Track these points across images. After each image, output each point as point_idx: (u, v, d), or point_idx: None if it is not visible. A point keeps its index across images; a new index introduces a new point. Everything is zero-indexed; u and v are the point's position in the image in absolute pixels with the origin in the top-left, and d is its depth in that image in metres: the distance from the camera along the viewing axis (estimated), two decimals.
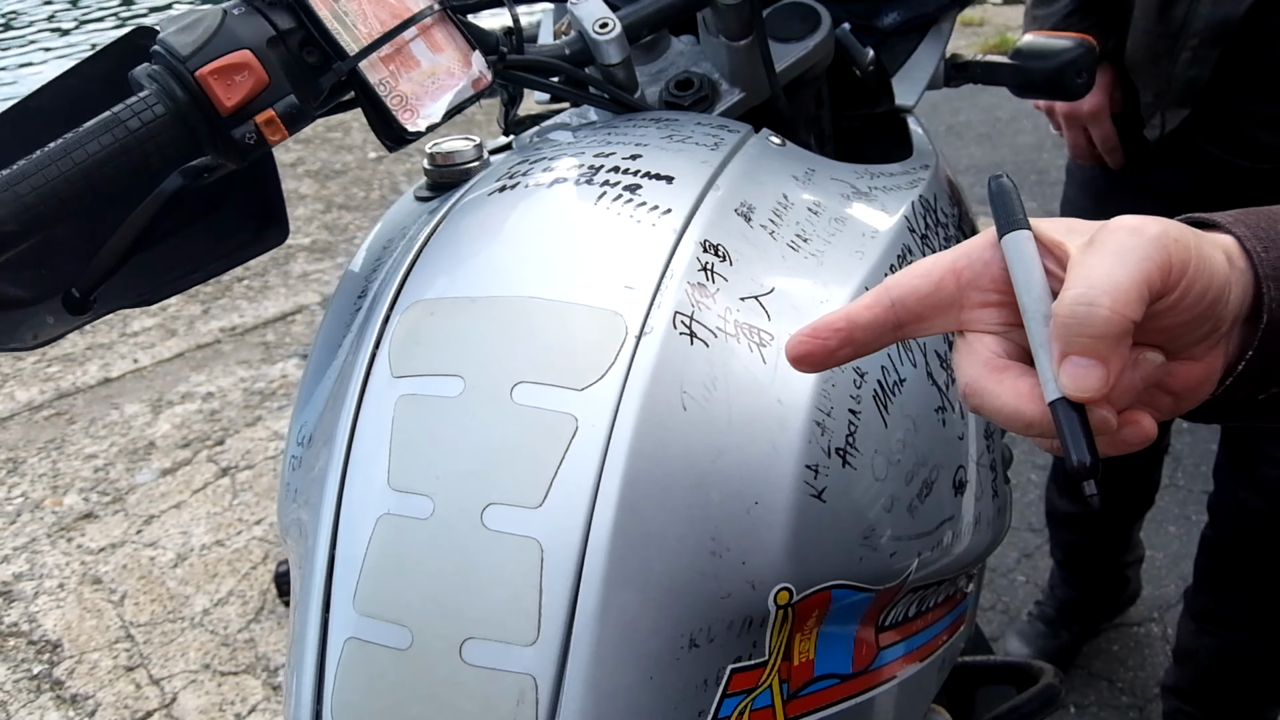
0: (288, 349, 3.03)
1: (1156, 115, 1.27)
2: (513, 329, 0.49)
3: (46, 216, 0.56)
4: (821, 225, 0.60)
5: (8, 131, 0.66)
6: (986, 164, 3.93)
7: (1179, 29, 1.19)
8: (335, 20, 0.61)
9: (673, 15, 0.74)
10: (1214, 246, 0.44)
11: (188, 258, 0.72)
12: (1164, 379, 0.44)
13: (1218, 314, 0.43)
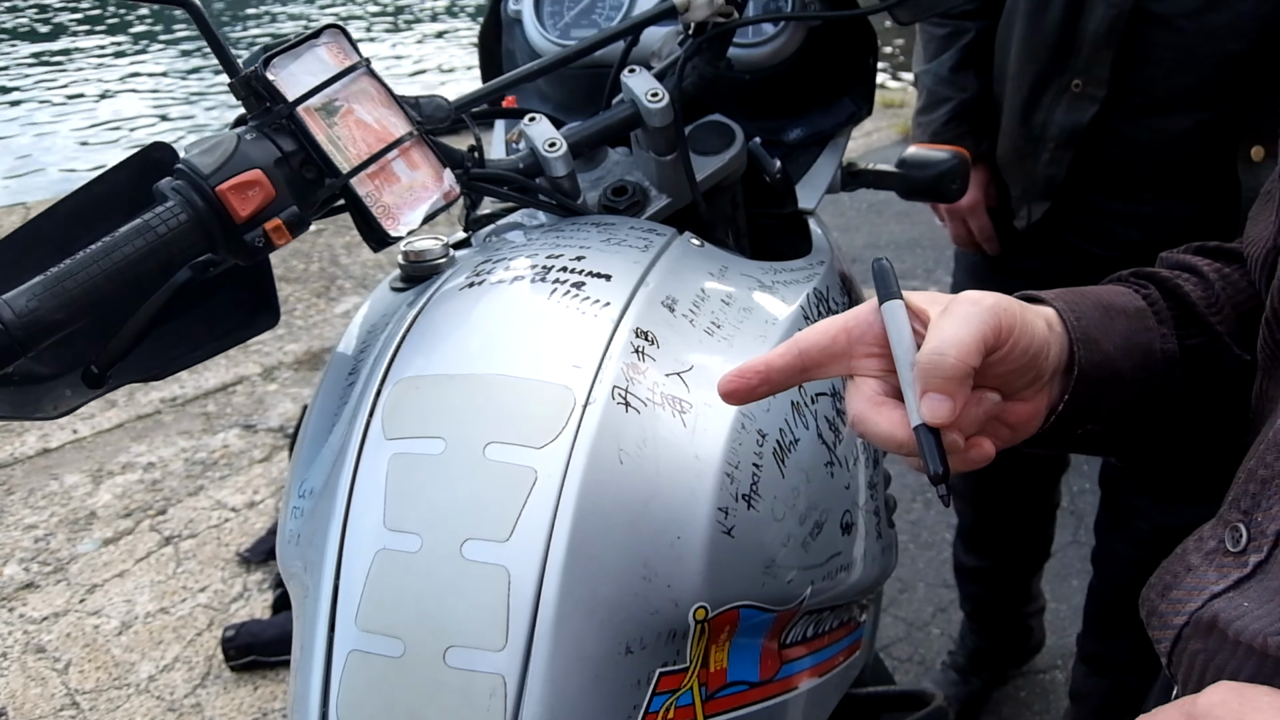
0: (229, 419, 3.08)
1: (1024, 208, 1.44)
2: (484, 400, 0.62)
3: (87, 307, 0.67)
4: (732, 314, 0.74)
5: (45, 227, 0.77)
6: (905, 239, 4.16)
7: (1039, 134, 1.37)
8: (330, 144, 0.74)
9: (610, 135, 0.88)
10: (1037, 315, 0.59)
11: (190, 338, 0.83)
12: (1002, 414, 0.60)
13: (1039, 366, 0.59)
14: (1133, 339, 0.63)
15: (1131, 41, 1.24)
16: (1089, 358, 0.61)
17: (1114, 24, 1.23)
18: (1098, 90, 1.29)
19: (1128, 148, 1.31)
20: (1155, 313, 0.65)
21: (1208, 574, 0.56)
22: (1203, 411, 0.67)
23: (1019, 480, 1.81)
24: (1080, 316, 0.62)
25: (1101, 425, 0.65)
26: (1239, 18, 1.17)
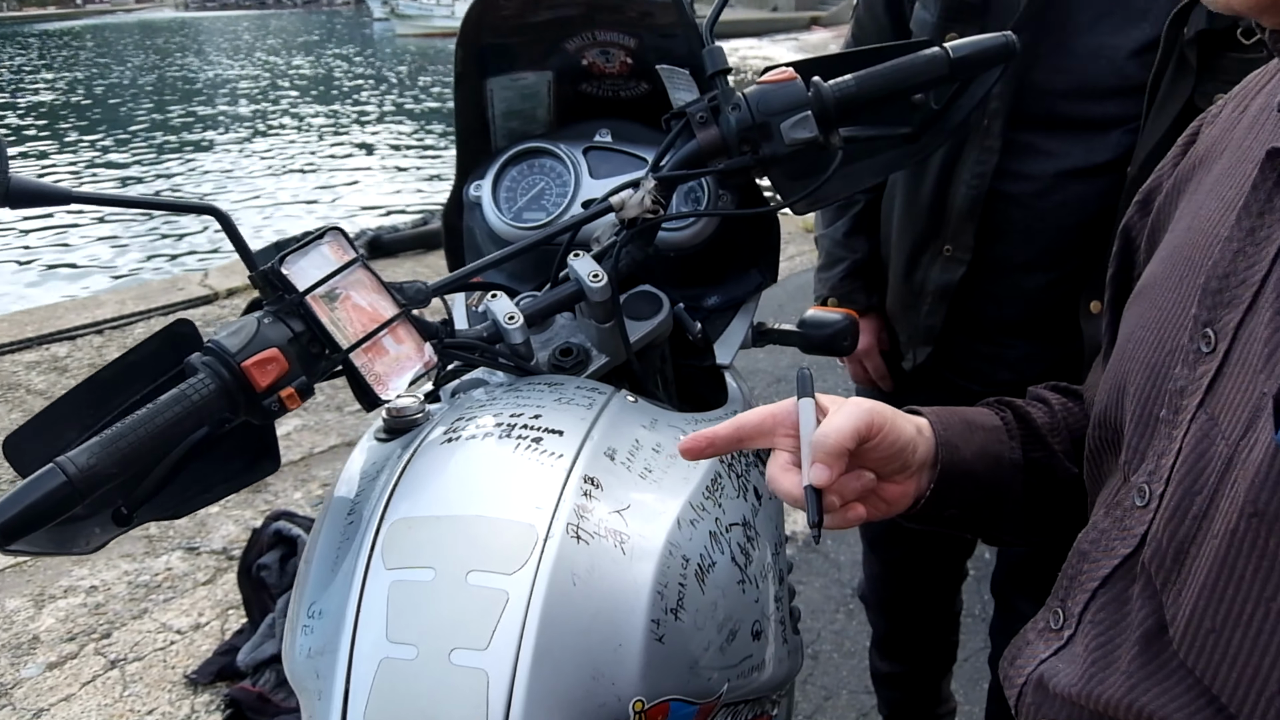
0: (171, 542, 3.14)
1: (910, 352, 1.66)
2: (465, 536, 0.78)
3: (135, 462, 0.82)
4: (661, 460, 0.91)
5: (87, 391, 0.92)
6: (826, 360, 4.40)
7: (918, 290, 1.58)
8: (332, 325, 0.91)
9: (559, 308, 1.06)
10: (909, 422, 0.82)
11: (202, 482, 0.98)
12: (878, 490, 0.82)
13: (905, 458, 0.81)
14: (988, 449, 0.85)
15: (990, 215, 1.46)
16: (950, 458, 0.84)
17: (974, 201, 1.45)
18: (964, 254, 1.50)
19: (993, 302, 1.53)
20: (1008, 430, 0.87)
21: (1038, 645, 0.76)
22: (1042, 510, 0.89)
23: (922, 592, 1.99)
24: (946, 427, 0.85)
25: (961, 511, 0.87)
26: (1075, 197, 1.40)
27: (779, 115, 1.04)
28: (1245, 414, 0.60)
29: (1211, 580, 0.59)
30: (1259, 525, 0.56)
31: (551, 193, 1.29)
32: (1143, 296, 0.78)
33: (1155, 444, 0.69)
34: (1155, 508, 0.67)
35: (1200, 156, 0.79)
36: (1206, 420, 0.64)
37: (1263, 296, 0.62)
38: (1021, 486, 0.88)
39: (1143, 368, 0.73)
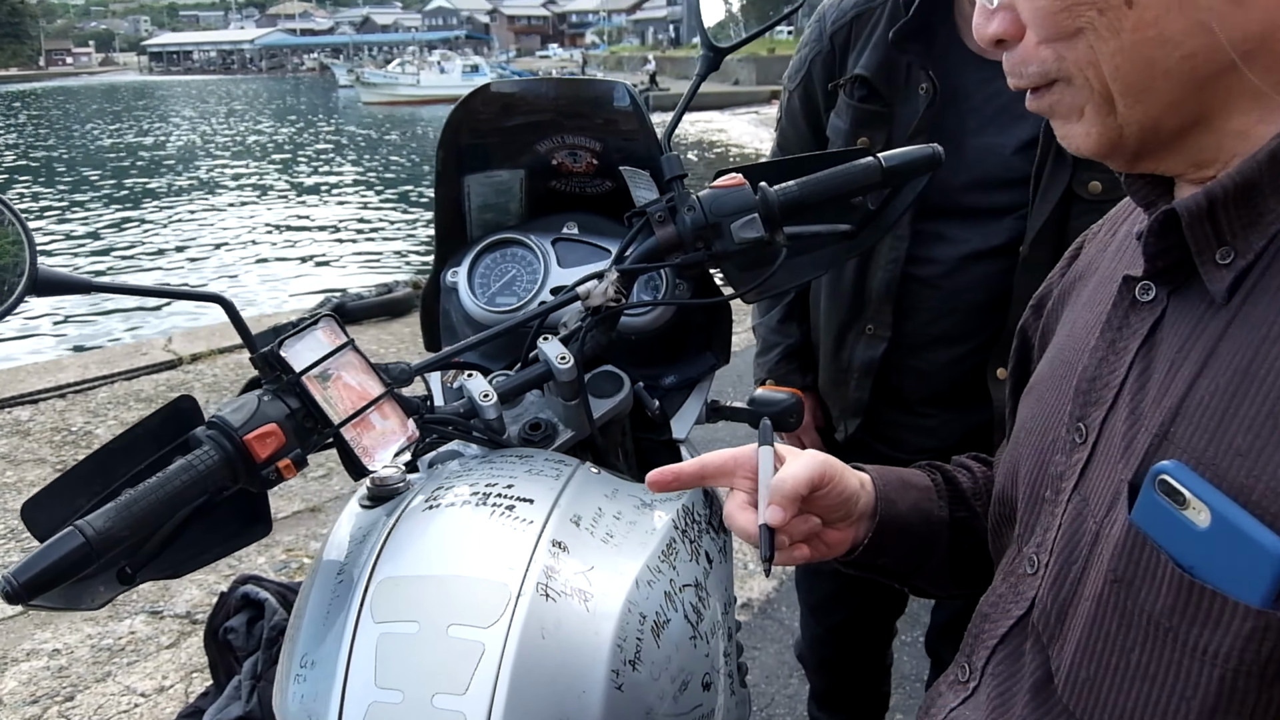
0: (135, 605, 3.17)
1: (841, 424, 1.81)
2: (446, 593, 0.87)
3: (145, 525, 0.91)
4: (621, 526, 1.01)
5: (98, 465, 1.01)
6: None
7: (846, 367, 1.74)
8: (325, 402, 1.00)
9: (530, 387, 1.17)
10: (855, 475, 0.94)
11: (198, 545, 1.07)
12: (821, 535, 0.93)
13: (849, 508, 0.92)
14: (920, 505, 0.98)
15: (904, 296, 1.63)
16: (887, 511, 0.96)
17: (890, 284, 1.62)
18: (885, 332, 1.67)
19: (913, 374, 1.69)
20: (937, 491, 1.00)
21: (949, 696, 0.87)
22: (962, 564, 1.01)
23: (857, 651, 2.14)
24: (886, 483, 0.98)
25: (892, 560, 0.99)
26: (977, 277, 1.57)
27: (729, 216, 1.16)
28: (1108, 496, 0.71)
29: (1085, 637, 0.70)
30: (1120, 589, 0.68)
31: (523, 279, 1.41)
32: (1032, 392, 0.90)
33: (1042, 520, 0.81)
34: (1041, 575, 0.78)
35: (1080, 272, 0.93)
36: (1080, 501, 0.75)
37: (1121, 397, 0.73)
38: (947, 542, 1.01)
39: (1031, 454, 0.85)
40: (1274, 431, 0.60)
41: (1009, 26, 0.72)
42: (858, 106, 1.61)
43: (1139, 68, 0.65)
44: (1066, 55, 0.68)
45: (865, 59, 1.60)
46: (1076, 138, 0.72)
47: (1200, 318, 0.68)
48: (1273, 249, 0.65)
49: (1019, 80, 0.74)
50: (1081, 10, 0.65)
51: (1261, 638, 0.59)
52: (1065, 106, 0.72)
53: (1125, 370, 0.74)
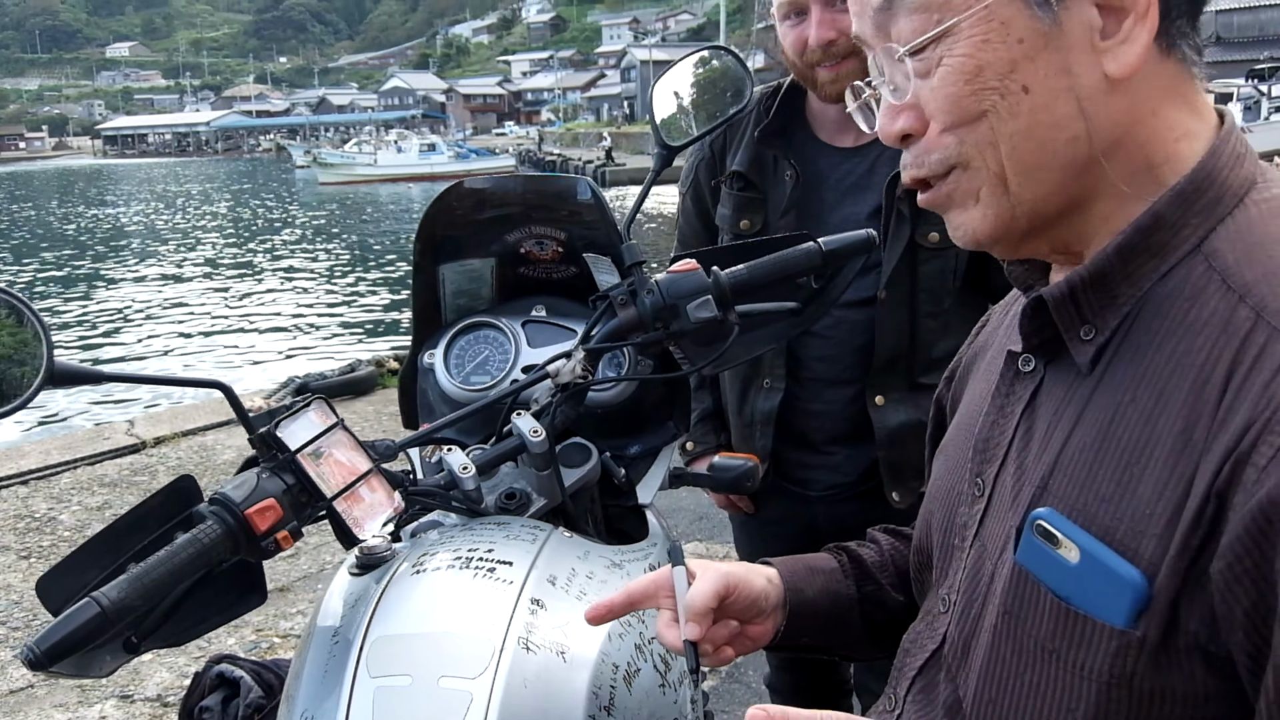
0: (105, 690, 3.17)
1: None
2: (436, 649, 0.95)
3: (155, 595, 0.98)
4: (594, 585, 1.10)
5: (106, 541, 1.09)
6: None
7: (750, 420, 1.96)
8: (318, 478, 1.09)
9: (505, 459, 1.26)
10: (760, 574, 1.03)
11: (198, 614, 1.14)
12: (744, 632, 1.02)
13: (761, 605, 1.01)
14: (828, 588, 1.07)
15: (794, 349, 1.87)
16: (796, 599, 1.05)
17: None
18: (779, 384, 1.91)
19: (814, 418, 1.91)
20: (843, 571, 1.09)
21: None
22: (878, 632, 1.10)
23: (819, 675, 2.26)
24: (793, 574, 1.07)
25: (811, 639, 1.08)
26: (852, 323, 1.83)
27: (685, 298, 1.27)
28: (1001, 541, 0.82)
29: (986, 663, 0.81)
30: (1010, 620, 0.79)
31: (495, 359, 1.51)
32: (943, 452, 1.02)
33: (952, 565, 0.92)
34: (950, 614, 0.90)
35: (980, 346, 1.05)
36: (980, 546, 0.87)
37: (1010, 455, 0.85)
38: (859, 615, 1.11)
39: (941, 507, 0.96)
40: (1131, 481, 0.71)
41: (914, 123, 0.80)
42: (737, 195, 1.93)
43: (1032, 148, 0.76)
44: (967, 139, 0.78)
45: (739, 157, 1.93)
46: (972, 223, 0.81)
47: (1071, 385, 0.80)
48: (1126, 324, 0.77)
49: (919, 171, 0.81)
50: (985, 95, 0.76)
51: (1126, 654, 0.70)
52: (961, 193, 0.80)
53: (1012, 431, 0.86)
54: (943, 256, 1.79)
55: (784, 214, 1.87)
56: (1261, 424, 0.65)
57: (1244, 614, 0.65)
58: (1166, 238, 0.76)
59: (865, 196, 1.83)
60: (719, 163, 2.00)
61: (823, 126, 1.91)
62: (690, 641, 0.93)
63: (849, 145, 1.87)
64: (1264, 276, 0.71)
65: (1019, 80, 0.75)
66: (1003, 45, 0.75)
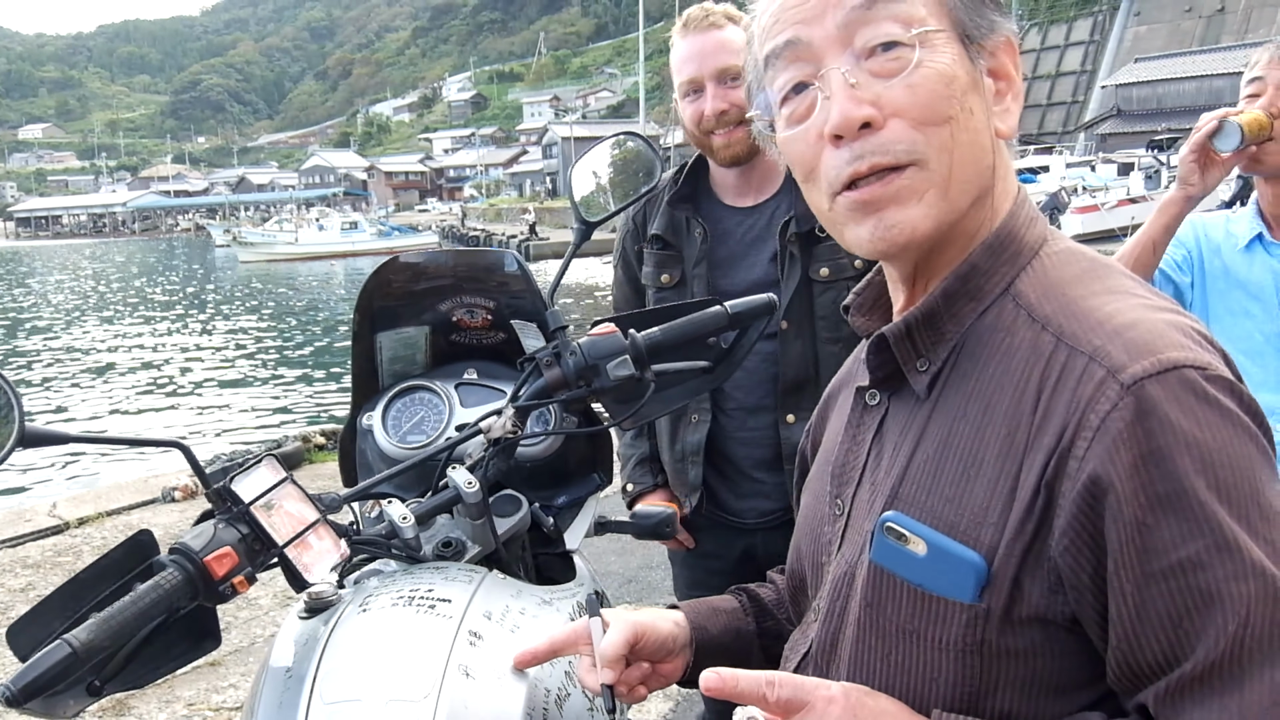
0: None
1: (686, 501, 2.20)
2: (384, 675, 1.05)
3: (122, 637, 1.07)
4: (526, 620, 1.21)
5: (70, 592, 1.16)
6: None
7: (681, 455, 2.19)
8: (270, 528, 1.19)
9: (441, 510, 1.37)
10: (666, 619, 1.15)
11: (157, 659, 1.22)
12: (656, 670, 1.13)
13: (670, 646, 1.13)
14: (730, 625, 1.20)
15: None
16: (701, 637, 1.18)
17: None
18: (705, 417, 2.17)
19: (737, 444, 2.14)
20: (744, 609, 1.23)
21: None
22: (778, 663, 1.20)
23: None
24: (698, 615, 1.20)
25: None
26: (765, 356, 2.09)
27: (605, 358, 1.40)
28: (859, 546, 0.97)
29: (853, 652, 0.95)
30: (871, 611, 0.93)
31: (430, 419, 1.62)
32: (807, 487, 1.17)
33: (821, 579, 1.06)
34: (818, 618, 1.03)
35: (831, 394, 1.22)
36: (841, 557, 1.01)
37: (864, 476, 1.00)
38: (759, 649, 1.24)
39: (808, 532, 1.11)
40: (968, 482, 0.87)
41: (875, 115, 0.87)
42: (658, 254, 2.25)
43: (969, 163, 0.90)
44: (932, 140, 0.87)
45: (657, 223, 2.25)
46: (912, 221, 0.89)
47: (911, 410, 0.96)
48: (953, 356, 0.93)
49: (881, 159, 0.87)
50: (953, 102, 0.88)
51: (975, 624, 0.85)
52: (908, 190, 0.88)
53: (865, 455, 1.01)
54: (834, 288, 2.08)
55: (696, 264, 2.17)
56: (1075, 424, 0.81)
57: (1089, 579, 0.81)
58: (981, 283, 0.93)
59: (764, 246, 2.14)
60: (641, 232, 2.31)
61: (725, 191, 2.23)
62: (606, 685, 1.05)
63: (748, 204, 2.19)
64: (1059, 309, 0.88)
65: (969, 102, 0.90)
66: (962, 70, 0.90)
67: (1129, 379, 0.80)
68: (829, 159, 0.90)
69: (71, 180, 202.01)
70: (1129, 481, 0.78)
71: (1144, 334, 0.83)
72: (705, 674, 0.87)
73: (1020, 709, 0.86)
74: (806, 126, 0.92)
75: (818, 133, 0.91)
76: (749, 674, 0.87)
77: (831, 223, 0.95)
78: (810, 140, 0.92)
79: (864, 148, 0.88)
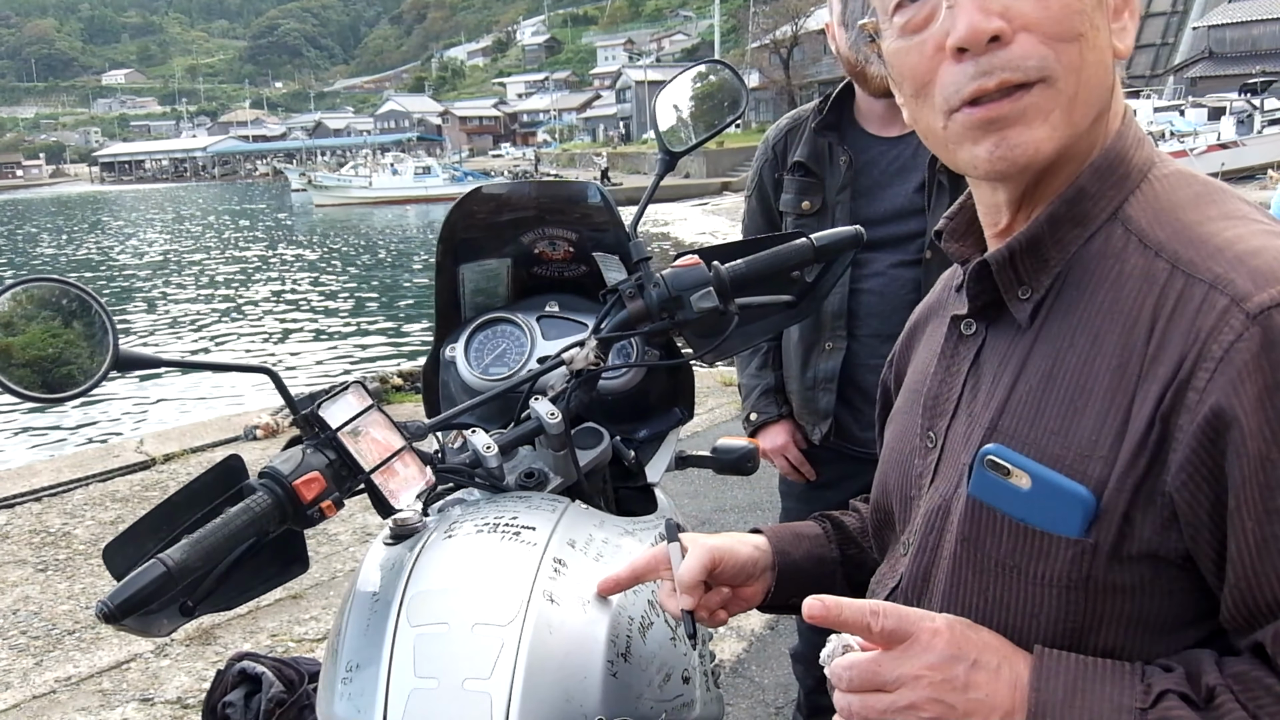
0: (125, 694, 3.26)
1: (815, 429, 2.22)
2: (470, 599, 1.06)
3: (214, 558, 1.09)
4: (609, 549, 1.21)
5: (163, 514, 1.19)
6: (746, 503, 4.74)
7: (812, 383, 2.20)
8: (357, 454, 1.20)
9: (524, 441, 1.37)
10: (745, 544, 1.14)
11: (247, 582, 1.24)
12: (736, 594, 1.14)
13: (750, 570, 1.12)
14: (813, 551, 1.18)
15: (854, 310, 2.12)
16: (783, 561, 1.16)
17: (841, 303, 2.11)
18: (840, 344, 2.18)
19: (871, 372, 2.07)
20: (827, 536, 1.21)
21: None
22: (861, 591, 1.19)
23: None
24: (780, 540, 1.18)
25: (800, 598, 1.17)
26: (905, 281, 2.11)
27: (688, 291, 1.38)
28: (955, 480, 0.94)
29: (948, 588, 0.93)
30: (969, 547, 0.90)
31: (512, 352, 1.62)
32: (893, 420, 1.13)
33: (911, 512, 1.03)
34: (909, 553, 1.01)
35: (916, 324, 1.19)
36: (935, 491, 0.98)
37: (960, 408, 0.97)
38: (842, 577, 1.22)
39: (896, 465, 1.08)
40: (1075, 415, 0.83)
41: (1004, 27, 0.82)
42: (799, 180, 2.24)
43: (1095, 83, 0.86)
44: (1062, 56, 0.82)
45: (799, 150, 2.25)
46: (1036, 141, 0.84)
47: (1012, 340, 0.92)
48: (1058, 284, 0.89)
49: (1011, 75, 0.82)
50: (1083, 18, 0.84)
51: (1081, 559, 0.82)
52: (1035, 109, 0.83)
53: (960, 387, 0.98)
54: None
55: (840, 192, 2.18)
56: (1195, 356, 0.77)
57: (1207, 515, 0.78)
58: (1088, 207, 0.89)
59: (910, 176, 2.13)
60: (780, 161, 2.31)
61: (870, 121, 2.21)
62: (686, 610, 1.05)
63: (894, 134, 2.16)
64: (1173, 235, 0.84)
65: (1095, 19, 0.85)
66: None
67: (1255, 308, 0.76)
68: (948, 73, 0.86)
69: (153, 126, 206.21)
70: (1255, 415, 0.74)
71: (1269, 261, 0.79)
72: (808, 601, 0.85)
73: (1125, 646, 0.83)
74: (924, 37, 0.87)
75: (936, 44, 0.86)
76: (854, 602, 0.85)
77: (943, 141, 0.90)
78: (927, 52, 0.87)
79: (991, 63, 0.83)
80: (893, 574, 1.04)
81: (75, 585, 4.08)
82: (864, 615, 0.84)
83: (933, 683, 0.82)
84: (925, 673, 0.82)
